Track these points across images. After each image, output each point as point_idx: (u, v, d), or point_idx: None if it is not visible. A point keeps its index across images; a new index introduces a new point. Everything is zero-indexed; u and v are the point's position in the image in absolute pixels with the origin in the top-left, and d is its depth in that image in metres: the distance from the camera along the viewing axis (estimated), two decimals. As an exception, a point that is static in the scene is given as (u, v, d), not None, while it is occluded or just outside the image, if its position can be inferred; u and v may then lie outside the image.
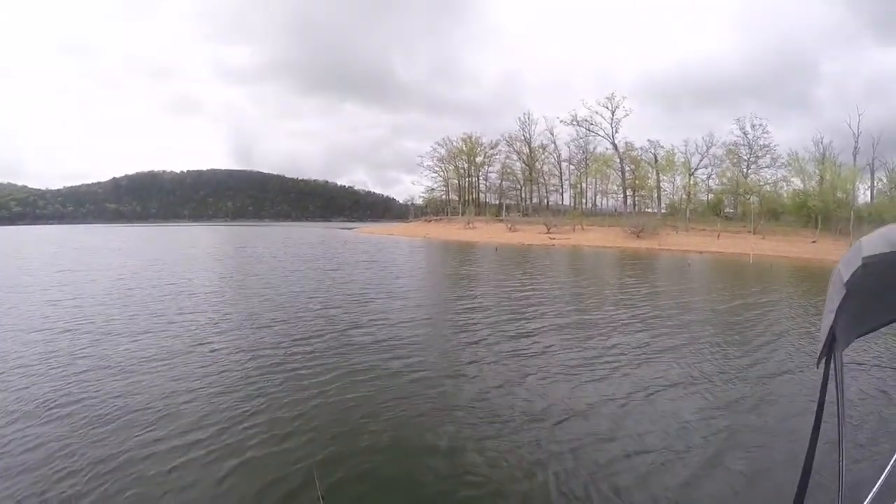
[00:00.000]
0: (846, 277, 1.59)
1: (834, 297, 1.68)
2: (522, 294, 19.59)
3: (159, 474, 5.49)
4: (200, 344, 11.18)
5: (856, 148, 68.54)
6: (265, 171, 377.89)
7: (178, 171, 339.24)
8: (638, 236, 59.87)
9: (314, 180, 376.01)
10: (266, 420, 6.99)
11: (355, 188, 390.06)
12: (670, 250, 51.38)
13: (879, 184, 71.95)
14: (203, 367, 9.43)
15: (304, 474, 5.46)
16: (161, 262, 31.35)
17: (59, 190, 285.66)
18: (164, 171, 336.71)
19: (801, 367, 9.83)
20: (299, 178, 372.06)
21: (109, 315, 14.25)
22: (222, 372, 9.11)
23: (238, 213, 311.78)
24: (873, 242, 1.47)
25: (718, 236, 59.35)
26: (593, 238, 60.76)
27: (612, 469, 5.74)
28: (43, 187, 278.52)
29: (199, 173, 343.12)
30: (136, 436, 6.43)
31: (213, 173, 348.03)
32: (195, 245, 51.96)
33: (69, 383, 8.37)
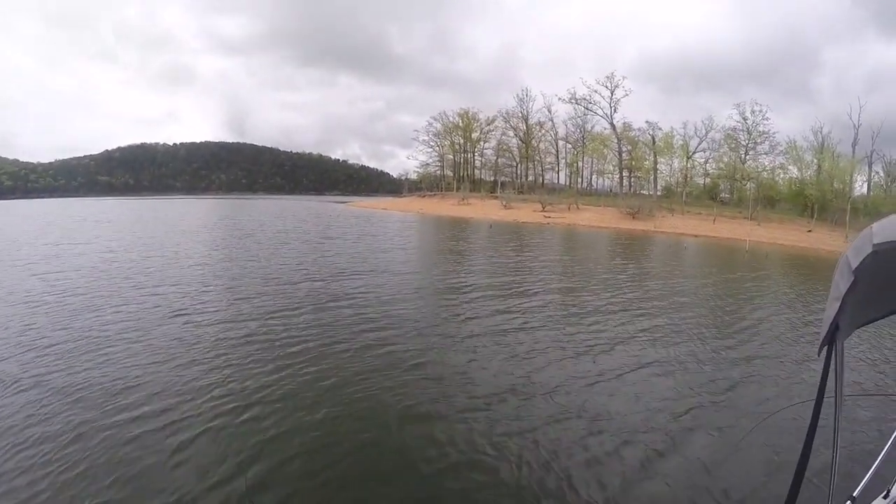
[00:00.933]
0: (855, 264, 1.53)
1: (840, 284, 1.62)
2: (512, 271, 19.48)
3: (115, 445, 5.40)
4: (177, 315, 10.95)
5: (855, 139, 68.03)
6: (258, 143, 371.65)
7: (170, 144, 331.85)
8: (634, 217, 59.30)
9: (308, 153, 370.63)
10: (229, 391, 6.86)
11: (349, 162, 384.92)
12: (665, 233, 51.11)
13: (876, 177, 71.87)
14: (177, 339, 9.25)
15: (260, 447, 5.42)
16: (150, 237, 30.64)
17: (50, 163, 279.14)
18: (156, 144, 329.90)
19: (780, 356, 9.86)
20: (293, 151, 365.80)
21: (95, 288, 13.84)
22: (195, 344, 8.95)
23: (231, 186, 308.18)
24: (886, 229, 1.44)
25: (714, 221, 58.88)
26: (588, 218, 60.19)
27: (571, 447, 5.74)
28: (34, 161, 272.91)
29: (191, 145, 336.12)
30: (97, 407, 6.29)
31: (206, 146, 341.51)
32: (185, 218, 51.11)
33: (42, 356, 8.20)
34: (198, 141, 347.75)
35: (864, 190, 70.73)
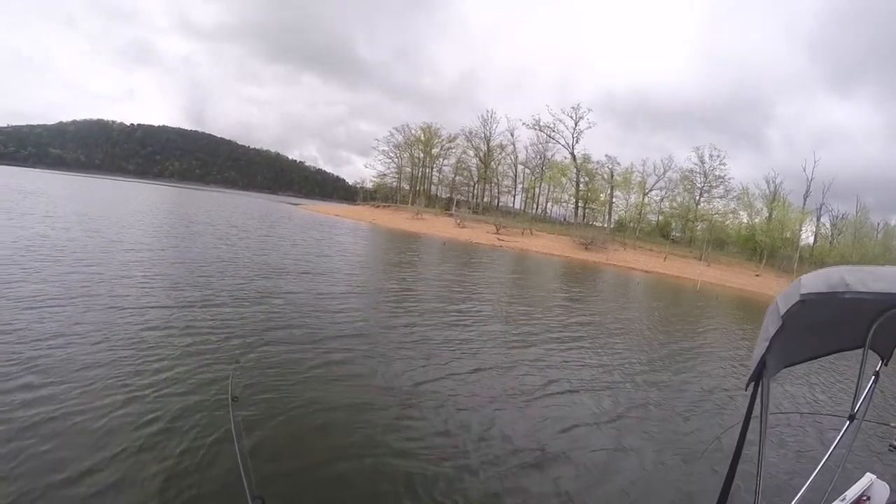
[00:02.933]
0: (783, 310, 1.72)
1: (769, 327, 1.80)
2: (459, 289, 18.41)
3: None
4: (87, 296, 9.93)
5: (807, 191, 71.35)
6: (217, 134, 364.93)
7: (127, 124, 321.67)
8: (586, 248, 59.04)
9: (266, 150, 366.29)
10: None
11: (306, 164, 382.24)
12: (617, 265, 51.03)
13: (823, 228, 75.60)
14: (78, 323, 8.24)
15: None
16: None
17: (2, 128, 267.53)
18: (112, 122, 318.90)
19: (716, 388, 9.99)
20: (250, 146, 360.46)
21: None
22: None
23: (184, 175, 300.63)
24: (812, 281, 1.63)
25: (665, 258, 59.42)
26: (541, 244, 59.49)
27: (488, 471, 5.37)
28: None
29: (149, 128, 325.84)
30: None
31: (163, 130, 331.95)
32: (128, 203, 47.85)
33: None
34: (156, 124, 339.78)
35: (811, 240, 74.20)
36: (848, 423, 3.11)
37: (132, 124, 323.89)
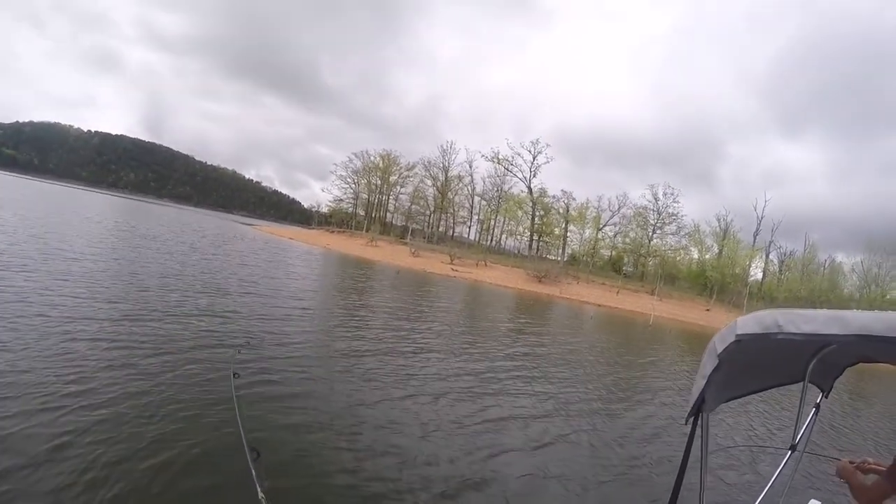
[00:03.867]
0: (720, 350, 1.78)
1: (707, 365, 1.85)
2: (408, 318, 17.43)
3: None
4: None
5: (757, 230, 74.18)
6: (174, 147, 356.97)
7: (84, 130, 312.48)
8: (540, 281, 58.78)
9: (222, 168, 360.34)
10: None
11: (262, 184, 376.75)
12: (570, 299, 50.90)
13: (771, 265, 78.56)
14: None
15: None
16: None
17: None
18: (70, 127, 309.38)
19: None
20: (207, 162, 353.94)
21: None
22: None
23: (139, 187, 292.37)
24: (747, 323, 1.71)
25: (618, 292, 59.79)
26: (495, 276, 58.97)
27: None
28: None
29: (106, 136, 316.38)
30: None
31: (121, 140, 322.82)
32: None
33: None
34: (113, 133, 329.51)
35: (760, 276, 76.89)
36: (790, 453, 3.22)
37: (90, 131, 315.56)
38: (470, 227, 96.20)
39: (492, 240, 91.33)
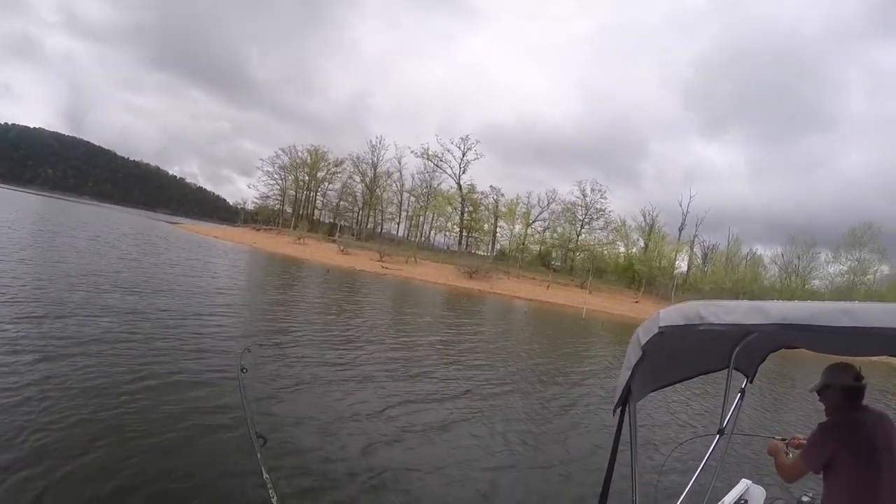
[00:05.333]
0: (644, 341, 1.78)
1: (632, 356, 1.86)
2: (337, 316, 17.01)
3: None
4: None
5: (683, 224, 76.93)
6: (95, 142, 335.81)
7: (0, 122, 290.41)
8: (471, 277, 58.58)
9: (146, 164, 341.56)
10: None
11: (186, 180, 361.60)
12: (501, 294, 50.86)
13: (696, 259, 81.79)
14: None
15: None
16: None
17: None
18: None
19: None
20: (130, 158, 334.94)
21: None
22: None
23: (58, 184, 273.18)
24: (670, 315, 1.72)
25: (548, 287, 60.39)
26: (426, 273, 58.36)
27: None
28: None
29: (24, 129, 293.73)
30: None
31: (39, 133, 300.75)
32: None
33: None
34: (31, 126, 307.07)
35: (685, 268, 79.88)
36: (718, 437, 3.33)
37: (6, 123, 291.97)
38: (399, 224, 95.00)
39: (421, 236, 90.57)
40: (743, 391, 3.45)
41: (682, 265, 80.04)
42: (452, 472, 6.07)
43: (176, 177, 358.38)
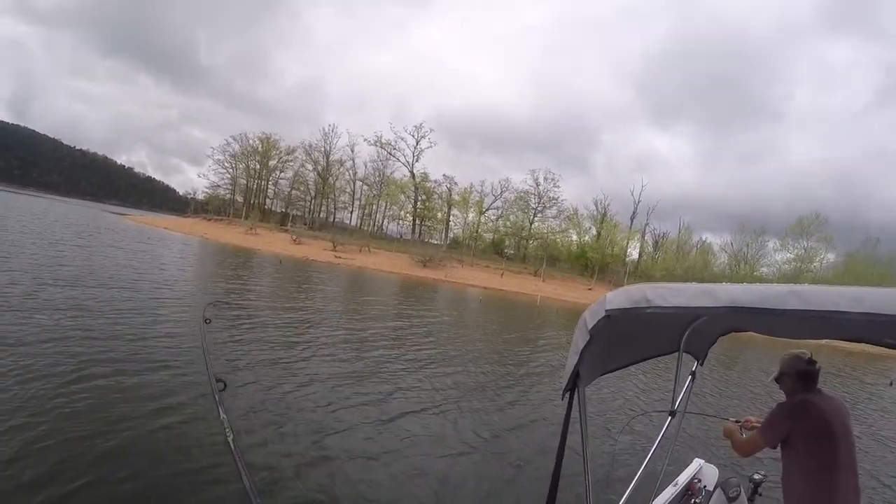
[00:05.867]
0: (591, 325, 1.78)
1: (579, 340, 1.86)
2: (290, 306, 16.57)
3: None
4: None
5: (634, 213, 79.65)
6: (41, 130, 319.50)
7: None
8: (425, 265, 58.57)
9: (93, 153, 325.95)
10: None
11: (135, 170, 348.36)
12: (456, 283, 51.00)
13: (647, 246, 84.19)
14: None
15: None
16: None
17: None
18: None
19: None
20: (76, 147, 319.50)
21: None
22: None
23: (1, 175, 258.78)
24: (617, 298, 1.71)
25: (502, 275, 60.88)
26: (380, 262, 58.01)
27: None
28: None
29: None
30: None
31: None
32: None
33: None
34: None
35: (636, 256, 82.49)
36: (670, 418, 3.39)
37: None
38: (352, 213, 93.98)
39: (374, 225, 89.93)
40: (694, 373, 3.51)
41: (633, 253, 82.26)
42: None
43: (124, 166, 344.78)
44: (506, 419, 8.23)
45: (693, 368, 3.48)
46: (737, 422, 3.37)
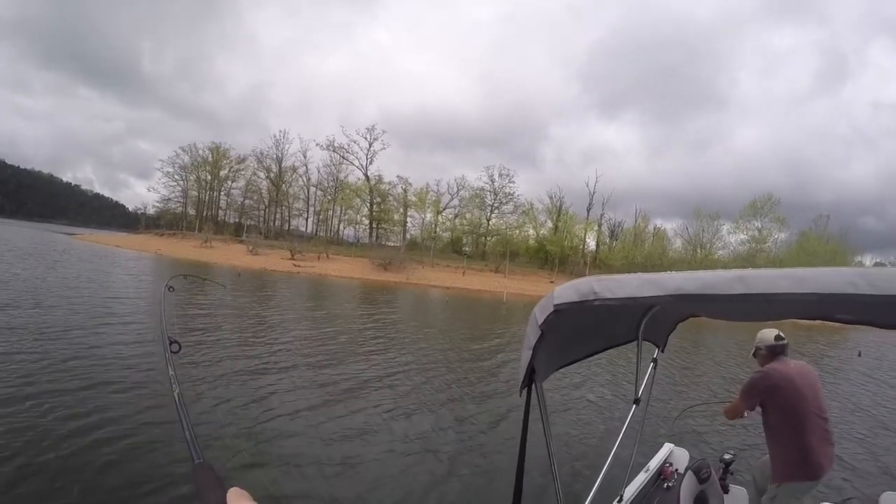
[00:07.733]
0: (541, 320, 1.75)
1: (531, 336, 1.82)
2: (253, 322, 16.24)
3: None
4: None
5: (590, 204, 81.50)
6: None
7: None
8: (385, 269, 58.20)
9: (38, 171, 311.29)
10: None
11: (82, 187, 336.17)
12: (418, 284, 50.86)
13: (604, 236, 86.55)
14: None
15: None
16: None
17: None
18: None
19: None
20: (20, 165, 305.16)
21: None
22: None
23: None
24: (565, 292, 1.67)
25: (464, 273, 61.07)
26: (340, 268, 57.40)
27: None
28: None
29: None
30: None
31: None
32: None
33: None
34: None
35: (594, 246, 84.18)
36: (634, 406, 3.38)
37: None
38: (307, 220, 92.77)
39: (329, 231, 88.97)
40: (655, 360, 3.60)
41: (591, 244, 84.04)
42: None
43: (70, 184, 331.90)
44: (485, 413, 8.37)
45: (654, 356, 3.57)
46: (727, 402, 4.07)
